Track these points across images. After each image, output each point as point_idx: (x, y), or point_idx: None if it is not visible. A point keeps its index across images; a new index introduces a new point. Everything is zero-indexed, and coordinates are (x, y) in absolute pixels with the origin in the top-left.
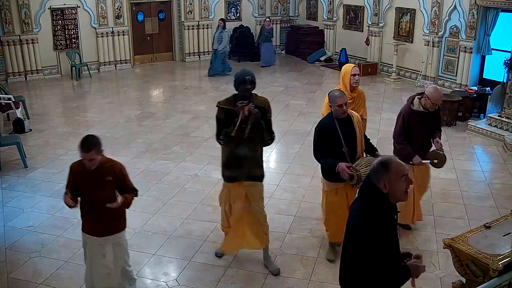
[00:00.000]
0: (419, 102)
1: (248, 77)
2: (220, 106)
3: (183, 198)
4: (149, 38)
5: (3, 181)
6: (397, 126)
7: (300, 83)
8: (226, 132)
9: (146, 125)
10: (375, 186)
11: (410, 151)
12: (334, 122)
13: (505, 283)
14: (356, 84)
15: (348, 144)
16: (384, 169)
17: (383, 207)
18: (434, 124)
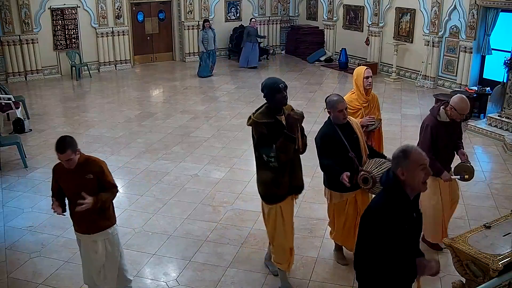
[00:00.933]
0: (445, 112)
1: (282, 85)
2: (259, 121)
3: (183, 198)
4: (149, 38)
5: (3, 181)
6: (425, 140)
7: (300, 83)
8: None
9: (146, 125)
10: (393, 173)
11: (439, 168)
12: (335, 128)
13: (505, 283)
14: (369, 87)
15: (353, 148)
16: (403, 156)
17: (397, 196)
18: (457, 134)
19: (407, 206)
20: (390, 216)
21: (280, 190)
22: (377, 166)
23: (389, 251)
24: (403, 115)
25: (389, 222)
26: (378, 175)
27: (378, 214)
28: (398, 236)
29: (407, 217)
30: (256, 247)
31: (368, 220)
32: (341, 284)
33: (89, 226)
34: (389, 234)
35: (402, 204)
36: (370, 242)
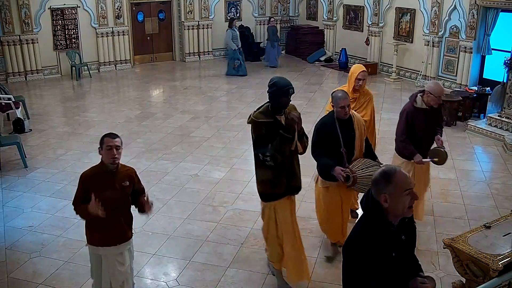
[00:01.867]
0: (421, 99)
1: (291, 90)
2: (258, 120)
3: (183, 198)
4: (149, 38)
5: (3, 181)
6: (400, 124)
7: (300, 83)
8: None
9: (146, 125)
10: (374, 199)
11: (412, 150)
12: (335, 121)
13: (505, 283)
14: (358, 88)
15: (346, 145)
16: (385, 181)
17: (378, 225)
18: (436, 121)
19: (391, 233)
20: (372, 247)
21: (277, 189)
22: (363, 168)
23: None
24: None
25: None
26: (361, 176)
27: (360, 245)
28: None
29: (394, 243)
30: (256, 247)
31: (350, 251)
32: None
33: (119, 236)
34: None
35: (385, 233)
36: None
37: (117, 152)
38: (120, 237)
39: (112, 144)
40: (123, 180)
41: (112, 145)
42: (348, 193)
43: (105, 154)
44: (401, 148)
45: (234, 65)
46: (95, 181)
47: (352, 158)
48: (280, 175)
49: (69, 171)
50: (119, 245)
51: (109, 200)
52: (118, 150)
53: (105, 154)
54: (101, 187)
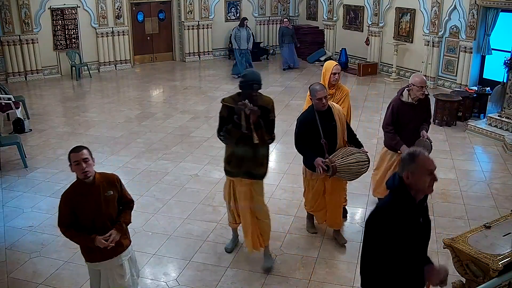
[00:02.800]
0: (408, 93)
1: (256, 86)
2: (224, 103)
3: (183, 198)
4: (149, 38)
5: (3, 181)
6: (386, 115)
7: (300, 83)
8: (226, 130)
9: (146, 125)
10: (400, 177)
11: (398, 141)
12: (315, 114)
13: (505, 283)
14: (334, 82)
15: (328, 135)
16: (409, 160)
17: (402, 198)
18: (423, 116)
19: (412, 209)
20: (394, 218)
21: (230, 167)
22: (343, 157)
23: (394, 256)
24: None
25: (394, 225)
26: (340, 165)
27: (383, 216)
28: (404, 240)
29: (413, 221)
30: None
31: (373, 222)
32: (341, 284)
33: (116, 248)
34: (394, 238)
35: (407, 206)
36: (375, 246)
37: (87, 165)
38: (117, 248)
39: (78, 159)
40: (105, 190)
41: (79, 159)
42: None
43: (76, 170)
44: (387, 138)
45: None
46: (77, 199)
47: (335, 148)
48: (234, 156)
49: (69, 171)
50: (118, 256)
51: (97, 215)
52: (87, 162)
53: (75, 170)
54: (85, 205)
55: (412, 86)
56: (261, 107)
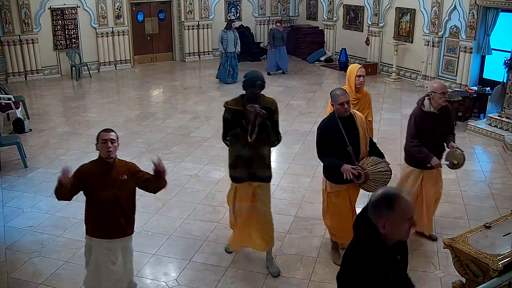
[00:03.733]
0: (429, 103)
1: (258, 82)
2: (227, 106)
3: (183, 198)
4: (149, 38)
5: (3, 181)
6: (409, 129)
7: (300, 83)
8: (233, 134)
9: (146, 125)
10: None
11: (426, 153)
12: (337, 121)
13: (505, 283)
14: (360, 85)
15: (352, 143)
16: (387, 206)
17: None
18: (446, 127)
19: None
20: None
21: (236, 172)
22: (373, 164)
23: None
24: (403, 115)
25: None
26: (372, 173)
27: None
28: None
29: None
30: None
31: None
32: None
33: (113, 230)
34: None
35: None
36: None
37: (112, 146)
38: (115, 232)
39: (106, 138)
40: (120, 174)
41: (107, 138)
42: (355, 195)
43: (101, 148)
44: (413, 152)
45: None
46: (92, 175)
47: (359, 157)
48: (240, 161)
49: None
50: (111, 240)
51: (106, 193)
52: (113, 143)
53: (100, 148)
54: (98, 181)
55: (433, 93)
56: (265, 108)
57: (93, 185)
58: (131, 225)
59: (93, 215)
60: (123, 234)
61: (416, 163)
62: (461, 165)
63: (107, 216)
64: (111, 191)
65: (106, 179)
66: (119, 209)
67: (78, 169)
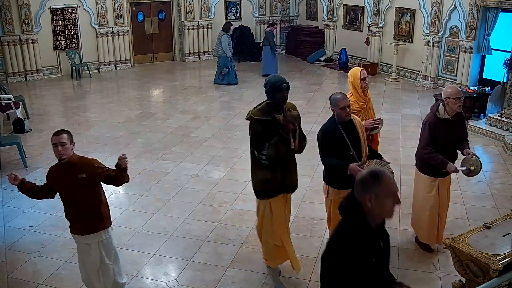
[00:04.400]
0: (444, 109)
1: (285, 85)
2: (255, 117)
3: (183, 198)
4: (149, 38)
5: (3, 181)
6: (424, 135)
7: (300, 83)
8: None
9: (146, 125)
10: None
11: (442, 159)
12: (338, 126)
13: (505, 283)
14: (366, 88)
15: (354, 147)
16: (373, 181)
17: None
18: (460, 133)
19: (371, 237)
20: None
21: (271, 187)
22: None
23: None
24: (403, 115)
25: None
26: None
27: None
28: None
29: (373, 248)
30: (256, 247)
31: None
32: None
33: (84, 227)
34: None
35: (365, 236)
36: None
37: (63, 148)
38: (85, 228)
39: (56, 142)
40: (79, 173)
41: (57, 142)
42: None
43: (54, 151)
44: (427, 160)
45: (221, 73)
46: (55, 176)
47: (361, 161)
48: (275, 173)
49: None
50: (85, 236)
51: (67, 192)
52: (63, 146)
53: (54, 151)
54: (59, 181)
55: (448, 99)
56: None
57: (57, 185)
58: (102, 219)
59: (66, 214)
60: (95, 230)
61: (430, 171)
62: (477, 172)
63: (75, 213)
64: (72, 190)
65: (65, 179)
66: (83, 206)
67: (48, 172)
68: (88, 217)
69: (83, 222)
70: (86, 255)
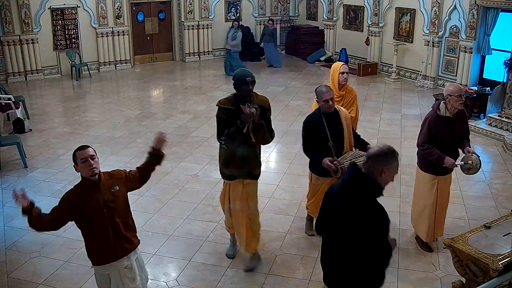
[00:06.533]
0: (445, 107)
1: (249, 78)
2: (221, 105)
3: (183, 198)
4: (149, 38)
5: (3, 181)
6: (422, 133)
7: (300, 83)
8: (229, 133)
9: (146, 125)
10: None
11: (439, 154)
12: (321, 117)
13: (505, 283)
14: (344, 82)
15: (335, 138)
16: (392, 156)
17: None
18: (462, 132)
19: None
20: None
21: (228, 170)
22: (352, 159)
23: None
24: (403, 115)
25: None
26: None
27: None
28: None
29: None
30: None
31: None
32: None
33: (124, 247)
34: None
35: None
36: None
37: (94, 162)
38: (126, 247)
39: (85, 156)
40: (111, 186)
41: (86, 156)
42: None
43: (82, 168)
44: (426, 155)
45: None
46: (83, 198)
47: (342, 151)
48: (233, 158)
49: (69, 171)
50: (127, 256)
51: (107, 211)
52: (93, 159)
53: (82, 168)
54: (94, 204)
55: (449, 97)
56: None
57: (90, 211)
58: (134, 233)
59: (99, 242)
60: (134, 246)
61: (430, 169)
62: (477, 169)
63: (114, 234)
64: (109, 207)
65: (100, 197)
66: (122, 222)
67: (65, 197)
68: (127, 234)
69: (124, 240)
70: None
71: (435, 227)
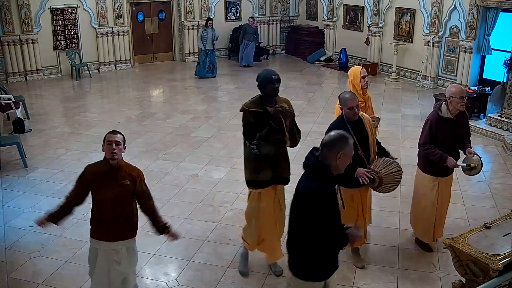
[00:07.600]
0: (447, 108)
1: (274, 76)
2: (248, 109)
3: (183, 198)
4: (149, 38)
5: (3, 181)
6: (423, 134)
7: (300, 83)
8: (261, 136)
9: (146, 125)
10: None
11: (441, 153)
12: (346, 125)
13: (505, 283)
14: (366, 86)
15: (362, 146)
16: (344, 141)
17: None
18: (463, 133)
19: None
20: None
21: (261, 177)
22: (384, 166)
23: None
24: (403, 115)
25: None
26: (385, 175)
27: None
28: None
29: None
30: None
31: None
32: (341, 284)
33: (116, 233)
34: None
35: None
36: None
37: (117, 148)
38: (117, 234)
39: (112, 140)
40: (124, 178)
41: (112, 140)
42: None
43: (106, 149)
44: (426, 156)
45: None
46: (96, 176)
47: (369, 160)
48: (265, 164)
49: (69, 171)
50: (114, 242)
51: (108, 196)
52: (118, 145)
53: (105, 149)
54: (100, 181)
55: (451, 98)
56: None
57: (95, 185)
58: (132, 228)
59: (95, 216)
60: (125, 237)
61: (431, 170)
62: (478, 170)
63: (109, 217)
64: (112, 193)
65: (109, 181)
66: (122, 212)
67: (85, 171)
68: (122, 224)
69: (117, 227)
70: (113, 263)
71: (434, 229)
